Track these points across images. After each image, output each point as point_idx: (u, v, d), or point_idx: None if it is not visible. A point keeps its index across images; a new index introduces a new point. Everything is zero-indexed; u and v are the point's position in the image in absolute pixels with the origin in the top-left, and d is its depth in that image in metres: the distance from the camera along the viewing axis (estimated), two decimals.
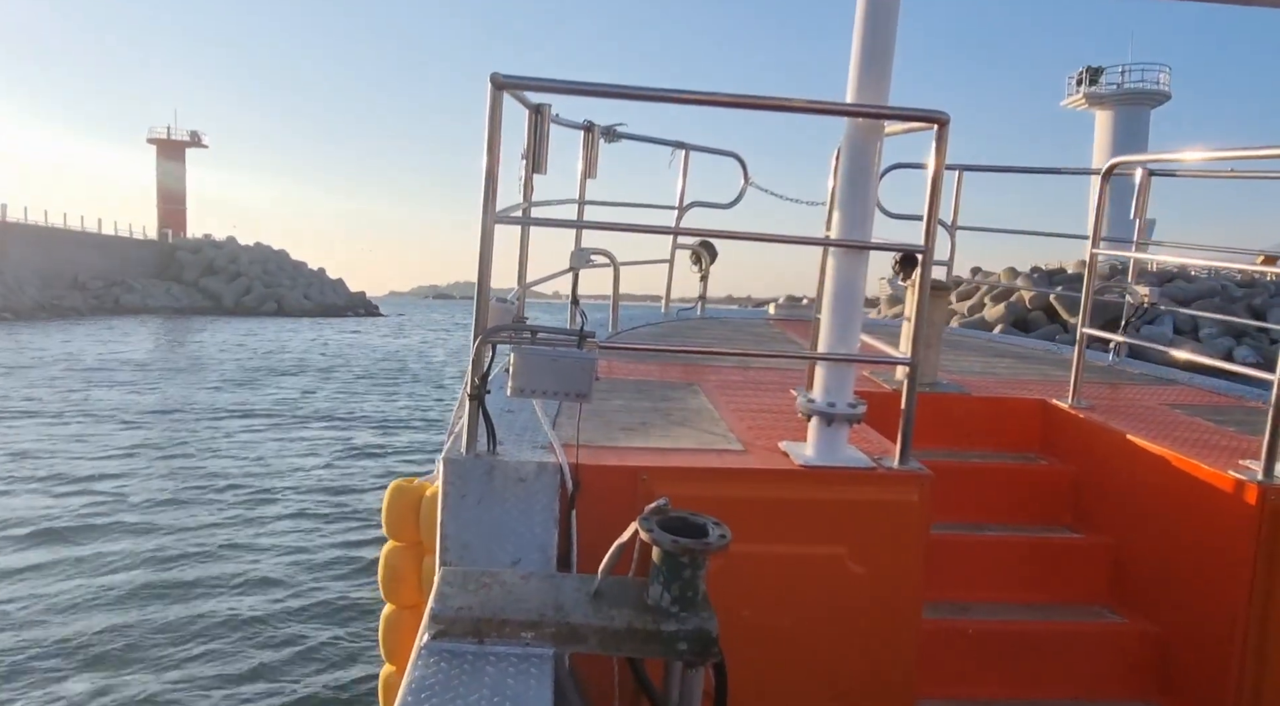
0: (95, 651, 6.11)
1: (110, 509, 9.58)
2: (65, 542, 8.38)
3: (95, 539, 8.48)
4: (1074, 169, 5.24)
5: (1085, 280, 3.95)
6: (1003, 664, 2.98)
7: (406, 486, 2.68)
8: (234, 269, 73.64)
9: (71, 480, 10.91)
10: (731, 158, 6.02)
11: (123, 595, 7.11)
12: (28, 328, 42.88)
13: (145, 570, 7.75)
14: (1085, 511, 3.46)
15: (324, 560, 8.41)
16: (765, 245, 2.84)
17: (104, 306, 60.95)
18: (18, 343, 32.88)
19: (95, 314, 57.45)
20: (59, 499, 9.90)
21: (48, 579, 7.44)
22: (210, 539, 8.76)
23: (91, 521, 9.08)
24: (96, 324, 47.85)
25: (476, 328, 2.34)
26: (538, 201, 3.60)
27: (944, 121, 2.44)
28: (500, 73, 2.24)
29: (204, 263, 73.26)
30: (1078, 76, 42.28)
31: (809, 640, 2.48)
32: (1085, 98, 41.95)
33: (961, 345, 5.92)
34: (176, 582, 7.53)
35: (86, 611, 6.76)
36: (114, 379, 22.60)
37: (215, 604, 7.09)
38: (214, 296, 70.04)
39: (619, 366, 4.10)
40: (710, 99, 2.39)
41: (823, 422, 2.61)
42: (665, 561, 1.85)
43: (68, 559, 7.94)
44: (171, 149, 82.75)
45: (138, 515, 9.45)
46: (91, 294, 62.23)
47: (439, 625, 1.77)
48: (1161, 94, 41.04)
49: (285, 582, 7.71)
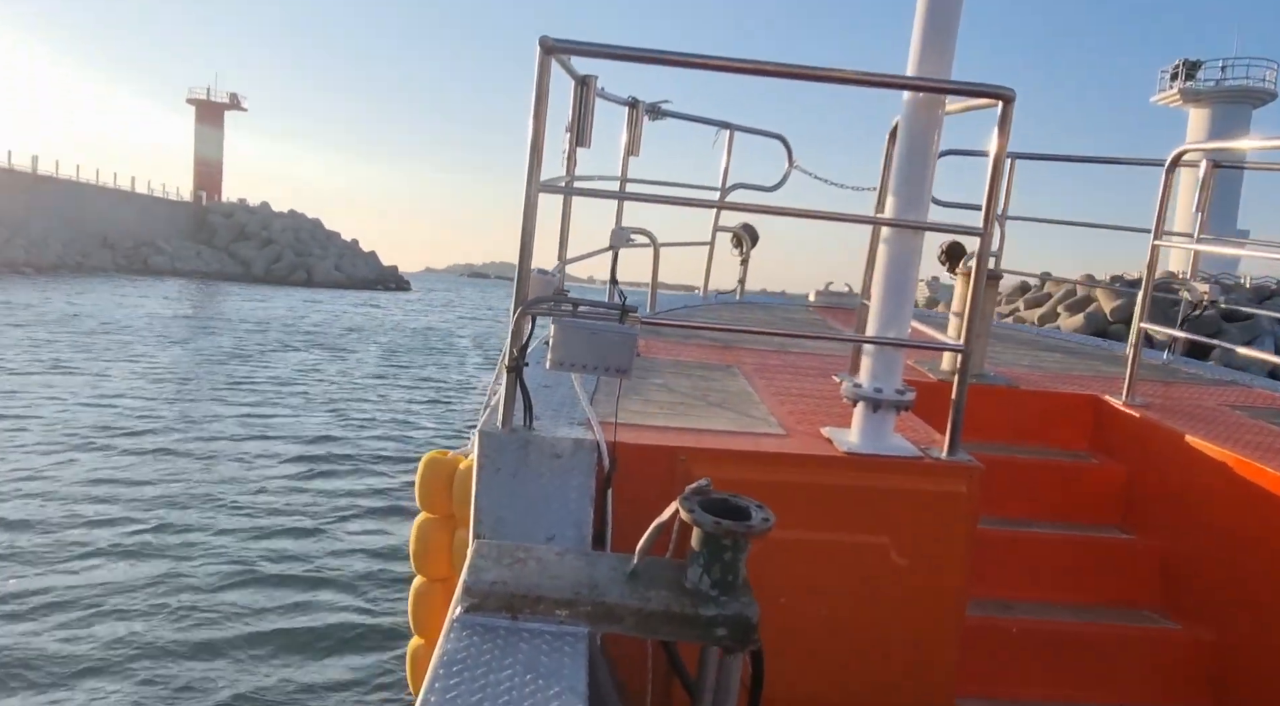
0: (110, 620, 6.19)
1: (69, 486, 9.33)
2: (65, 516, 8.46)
3: (84, 513, 8.39)
4: (1137, 159, 5.05)
5: (1145, 275, 3.80)
6: (1046, 665, 2.88)
7: (440, 458, 2.65)
8: (265, 235, 72.16)
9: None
10: (776, 140, 5.90)
11: (128, 566, 7.18)
12: (37, 283, 41.50)
13: (146, 540, 7.83)
14: (1137, 512, 3.34)
15: (349, 532, 8.49)
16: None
17: (132, 266, 60.05)
18: (12, 299, 31.59)
19: (122, 273, 56.31)
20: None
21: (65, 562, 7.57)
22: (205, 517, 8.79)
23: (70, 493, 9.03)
24: (118, 283, 47.05)
25: (517, 299, 2.29)
26: (580, 176, 3.54)
27: (1009, 98, 2.33)
28: (549, 37, 2.18)
29: (236, 227, 71.85)
30: (1173, 70, 38.99)
31: (847, 631, 2.41)
32: (1180, 94, 38.71)
33: (1009, 338, 5.78)
34: (180, 550, 7.57)
35: (98, 584, 6.83)
36: (98, 342, 21.84)
37: (222, 574, 7.14)
38: (244, 262, 68.64)
39: (657, 346, 4.04)
40: (761, 68, 2.30)
41: (869, 408, 2.53)
42: (706, 543, 1.78)
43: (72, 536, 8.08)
44: (210, 111, 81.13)
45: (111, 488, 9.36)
46: (120, 253, 61.41)
47: (472, 598, 1.73)
48: (1266, 92, 37.67)
49: (306, 555, 7.78)
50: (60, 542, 7.55)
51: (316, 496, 9.68)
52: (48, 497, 8.78)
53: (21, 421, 12.17)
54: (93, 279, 48.85)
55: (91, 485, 9.32)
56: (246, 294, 49.65)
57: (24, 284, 40.54)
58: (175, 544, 7.75)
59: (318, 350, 24.81)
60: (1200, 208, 4.59)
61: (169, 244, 65.94)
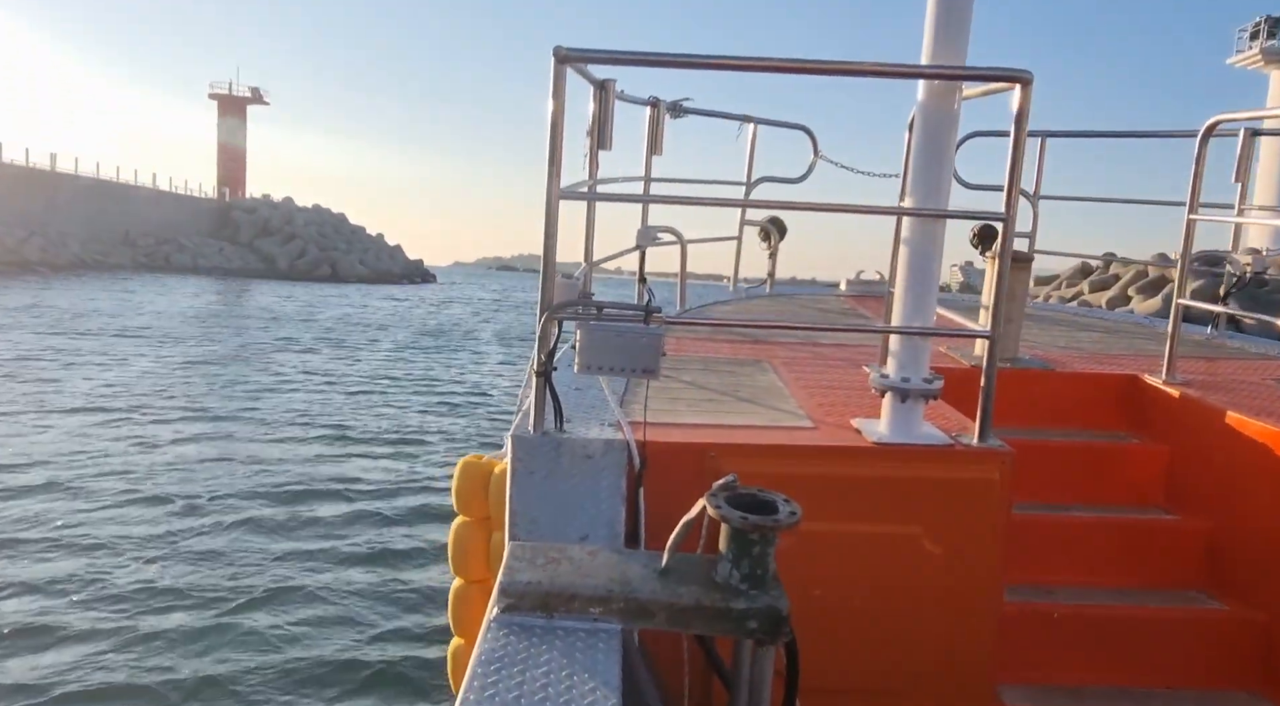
0: (148, 618, 6.38)
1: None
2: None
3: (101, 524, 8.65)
4: (1170, 132, 4.93)
5: (1182, 249, 3.73)
6: (1089, 649, 2.85)
7: (475, 462, 2.70)
8: (289, 230, 71.10)
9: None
10: (800, 131, 5.87)
11: (157, 570, 7.37)
12: (48, 282, 40.64)
13: (194, 540, 8.04)
14: (1180, 492, 3.28)
15: (391, 537, 8.64)
16: (834, 225, 2.78)
17: (154, 264, 58.86)
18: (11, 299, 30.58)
19: (143, 271, 55.23)
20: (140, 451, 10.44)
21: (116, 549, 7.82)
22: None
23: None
24: (139, 281, 46.60)
25: (543, 304, 2.34)
26: (603, 179, 3.57)
27: (1026, 81, 2.31)
28: (563, 46, 2.22)
29: (259, 223, 70.85)
30: (1253, 28, 35.56)
31: (883, 621, 2.42)
32: (1261, 54, 35.05)
33: (1046, 319, 5.69)
34: (219, 557, 7.72)
35: (140, 580, 7.05)
36: (89, 345, 21.23)
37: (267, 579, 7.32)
38: (268, 258, 67.56)
39: (686, 343, 4.06)
40: (777, 65, 2.32)
41: (897, 398, 2.53)
42: (734, 538, 1.81)
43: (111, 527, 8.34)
44: (232, 105, 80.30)
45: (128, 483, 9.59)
46: (141, 251, 60.37)
47: (508, 599, 1.78)
48: None
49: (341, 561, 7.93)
50: (110, 538, 7.82)
51: (357, 493, 9.88)
52: (100, 495, 9.08)
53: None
54: (113, 277, 48.30)
55: (134, 480, 9.65)
56: (270, 289, 49.23)
57: (32, 284, 39.21)
58: (218, 545, 7.96)
59: (332, 346, 24.92)
60: (1239, 178, 4.48)
61: (191, 241, 65.13)
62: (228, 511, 9.03)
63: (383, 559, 7.98)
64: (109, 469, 10.27)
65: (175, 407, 14.20)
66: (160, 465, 10.67)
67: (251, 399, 15.42)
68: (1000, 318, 2.50)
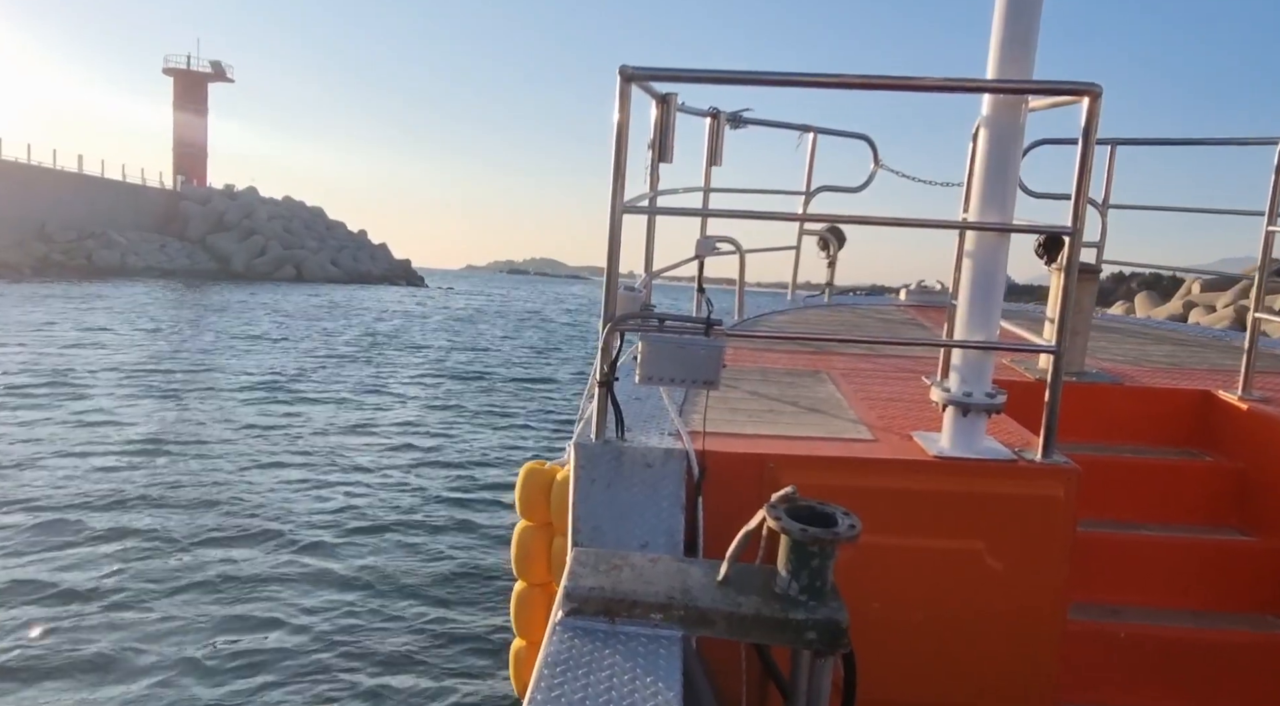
0: (211, 619, 6.59)
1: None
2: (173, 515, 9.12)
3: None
4: (1247, 139, 4.77)
5: (1260, 260, 3.62)
6: (1158, 672, 2.79)
7: (538, 469, 2.77)
8: (248, 225, 60.92)
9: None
10: (861, 140, 5.85)
11: (230, 564, 7.60)
12: None
13: (254, 543, 8.27)
14: (1256, 512, 3.18)
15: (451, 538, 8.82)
16: (895, 231, 2.76)
17: (71, 264, 46.72)
18: None
19: (40, 278, 41.87)
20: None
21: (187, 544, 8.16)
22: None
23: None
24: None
25: (605, 316, 2.40)
26: (663, 191, 3.63)
27: (1095, 93, 2.29)
28: (629, 65, 2.28)
29: (213, 216, 60.48)
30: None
31: (943, 636, 2.41)
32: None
33: (1117, 331, 5.55)
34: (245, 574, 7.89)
35: (198, 584, 7.28)
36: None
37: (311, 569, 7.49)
38: (222, 257, 57.97)
39: (745, 354, 4.08)
40: (839, 81, 2.34)
41: (958, 412, 2.52)
42: (793, 550, 1.84)
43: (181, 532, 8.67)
44: (190, 83, 68.87)
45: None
46: (58, 248, 48.52)
47: (572, 603, 1.84)
48: None
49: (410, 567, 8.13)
50: (167, 540, 8.14)
51: (420, 501, 10.11)
52: (147, 500, 9.45)
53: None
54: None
55: (184, 481, 10.00)
56: (160, 293, 38.70)
57: None
58: (285, 553, 8.23)
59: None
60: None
61: (125, 236, 53.36)
62: (279, 523, 9.34)
63: (442, 559, 8.18)
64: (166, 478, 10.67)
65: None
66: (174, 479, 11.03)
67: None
68: (1066, 332, 2.47)
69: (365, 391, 17.46)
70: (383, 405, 16.04)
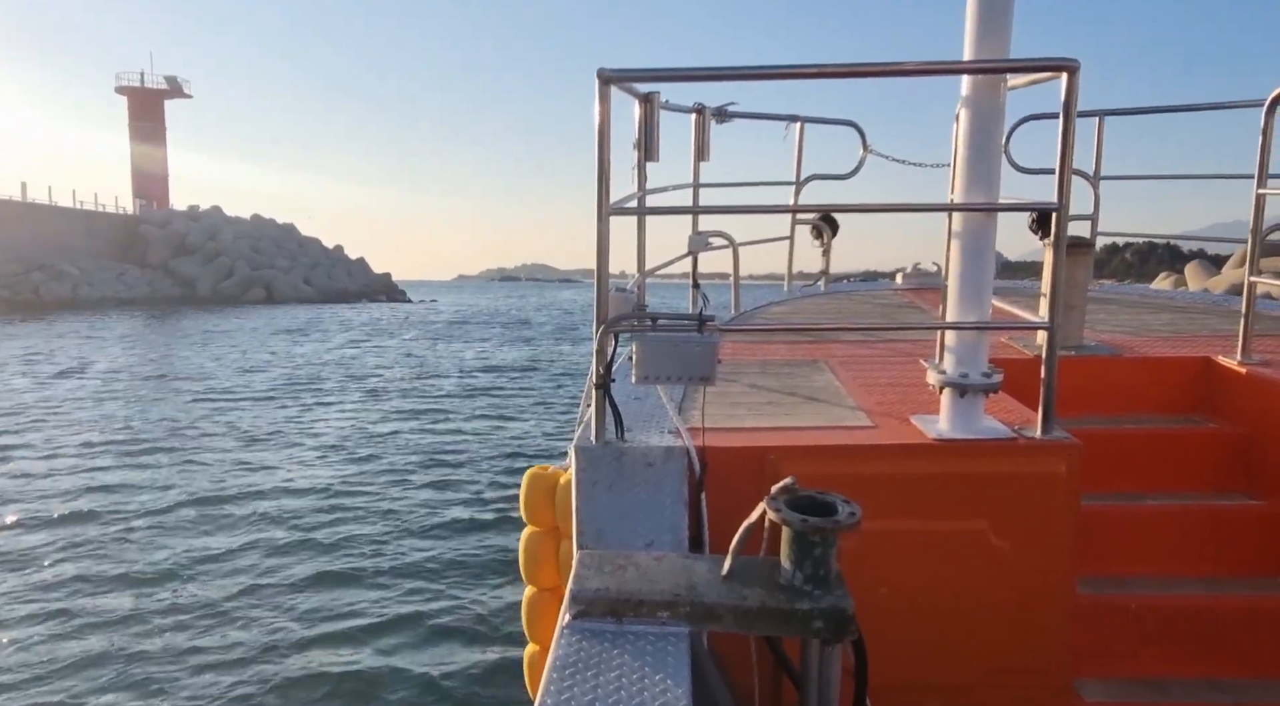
0: (233, 627, 6.66)
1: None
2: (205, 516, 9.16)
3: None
4: (1236, 102, 4.77)
5: (1252, 223, 3.61)
6: (1170, 641, 2.79)
7: (541, 474, 2.79)
8: (213, 247, 58.24)
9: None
10: (849, 127, 5.85)
11: (248, 575, 7.67)
12: None
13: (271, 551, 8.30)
14: (1262, 477, 3.18)
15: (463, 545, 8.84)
16: (887, 216, 2.76)
17: (17, 299, 43.33)
18: None
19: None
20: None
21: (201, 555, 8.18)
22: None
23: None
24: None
25: (598, 318, 2.41)
26: (651, 190, 3.63)
27: (1074, 69, 2.29)
28: (607, 68, 2.28)
29: (175, 240, 57.75)
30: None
31: (953, 617, 2.42)
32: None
33: (1113, 302, 5.55)
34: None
35: (216, 581, 7.37)
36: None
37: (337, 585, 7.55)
38: (186, 282, 55.27)
39: (743, 348, 4.09)
40: (820, 72, 2.34)
41: (955, 394, 2.53)
42: (795, 540, 1.85)
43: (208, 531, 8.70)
44: (145, 101, 65.01)
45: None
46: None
47: (579, 606, 1.85)
48: None
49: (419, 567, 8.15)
50: (196, 552, 8.19)
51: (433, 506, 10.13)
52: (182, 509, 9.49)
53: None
54: None
55: (209, 489, 10.05)
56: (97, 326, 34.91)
57: None
58: (299, 565, 8.27)
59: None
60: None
61: (79, 266, 49.81)
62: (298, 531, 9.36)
63: (455, 564, 8.23)
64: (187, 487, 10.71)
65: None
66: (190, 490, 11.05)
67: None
68: (1059, 307, 2.48)
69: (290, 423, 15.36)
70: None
